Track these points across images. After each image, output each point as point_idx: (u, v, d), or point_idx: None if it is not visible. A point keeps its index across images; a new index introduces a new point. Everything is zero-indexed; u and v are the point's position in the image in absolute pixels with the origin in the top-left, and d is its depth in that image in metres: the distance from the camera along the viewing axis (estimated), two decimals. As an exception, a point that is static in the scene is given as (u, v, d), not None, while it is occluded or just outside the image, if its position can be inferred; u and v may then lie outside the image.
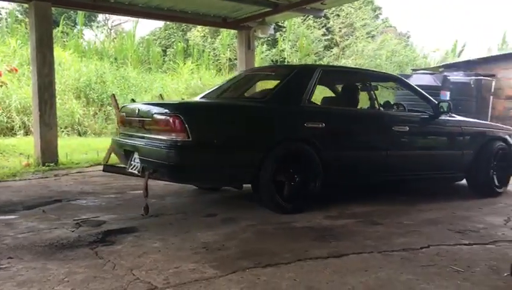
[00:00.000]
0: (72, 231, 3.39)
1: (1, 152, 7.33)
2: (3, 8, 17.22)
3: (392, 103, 5.40)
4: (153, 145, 3.80)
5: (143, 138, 4.03)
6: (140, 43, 17.86)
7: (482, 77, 11.25)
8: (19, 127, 10.26)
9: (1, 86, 8.01)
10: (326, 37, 18.63)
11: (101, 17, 21.13)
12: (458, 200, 4.97)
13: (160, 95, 8.09)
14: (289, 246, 3.12)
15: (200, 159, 3.75)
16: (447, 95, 10.35)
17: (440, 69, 12.31)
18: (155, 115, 3.88)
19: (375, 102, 4.81)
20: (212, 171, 3.87)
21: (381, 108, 4.96)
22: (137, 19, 15.32)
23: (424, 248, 3.15)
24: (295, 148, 4.12)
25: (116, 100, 7.02)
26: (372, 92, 4.83)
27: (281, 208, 4.01)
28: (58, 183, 5.50)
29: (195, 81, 14.54)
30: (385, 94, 8.16)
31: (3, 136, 9.37)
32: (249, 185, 4.11)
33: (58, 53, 12.29)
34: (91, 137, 10.92)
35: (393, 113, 5.09)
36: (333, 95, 5.59)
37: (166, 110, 3.85)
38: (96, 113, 11.92)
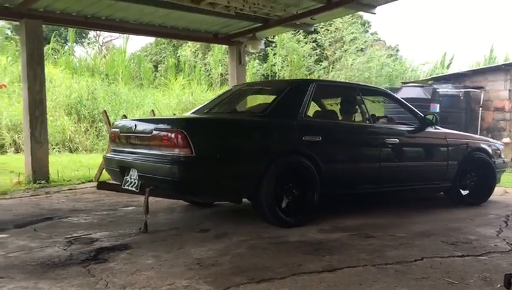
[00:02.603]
0: (64, 249, 3.35)
1: (-9, 170, 7.27)
2: (-7, 25, 17.23)
3: (377, 115, 5.49)
4: (154, 161, 3.81)
5: (141, 154, 4.03)
6: (131, 59, 17.89)
7: (471, 89, 11.39)
8: (9, 144, 10.21)
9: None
10: (316, 51, 18.79)
11: (92, 33, 21.19)
12: (450, 212, 5.00)
13: (152, 110, 8.10)
14: (283, 260, 3.12)
15: (204, 174, 3.77)
16: (436, 107, 10.45)
17: (429, 82, 12.44)
18: (155, 131, 3.89)
19: (367, 115, 4.90)
20: (215, 185, 3.89)
21: (373, 121, 5.03)
22: (128, 35, 15.39)
23: (417, 260, 3.16)
24: (294, 161, 4.18)
25: (107, 116, 7.02)
26: (363, 106, 4.93)
27: (282, 221, 4.04)
28: (50, 201, 5.46)
29: (186, 96, 14.57)
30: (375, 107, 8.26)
31: (-6, 153, 9.30)
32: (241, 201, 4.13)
33: (49, 70, 12.28)
34: (82, 154, 10.87)
35: (385, 126, 5.20)
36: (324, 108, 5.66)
37: (169, 126, 3.90)
38: (88, 130, 11.89)
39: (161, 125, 3.98)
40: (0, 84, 8.74)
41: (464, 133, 5.95)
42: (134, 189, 4.03)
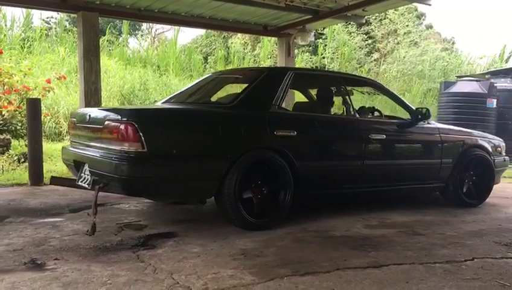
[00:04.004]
0: (115, 235, 3.48)
1: (49, 157, 7.62)
2: (52, 17, 18.00)
3: (366, 107, 5.12)
4: (103, 156, 3.47)
5: (94, 147, 3.71)
6: (182, 51, 18.18)
7: (531, 84, 10.82)
8: (66, 132, 10.64)
9: (49, 91, 8.36)
10: (367, 42, 18.42)
11: (144, 26, 21.70)
12: (502, 212, 4.80)
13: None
14: (327, 254, 3.10)
15: (157, 172, 3.37)
16: (493, 102, 10.01)
17: (486, 76, 11.90)
18: (107, 122, 3.48)
19: (351, 108, 4.52)
20: (171, 185, 3.49)
21: (357, 114, 4.66)
22: (179, 27, 15.65)
23: (468, 260, 3.06)
24: (263, 158, 3.78)
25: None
26: (347, 97, 4.53)
27: (247, 223, 3.66)
28: (102, 188, 5.65)
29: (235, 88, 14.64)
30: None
31: (51, 141, 9.74)
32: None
33: (104, 61, 12.69)
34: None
35: (370, 119, 4.80)
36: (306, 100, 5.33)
37: (118, 117, 3.43)
38: (140, 119, 12.19)
39: (112, 116, 3.50)
40: (60, 76, 9.14)
41: (460, 129, 5.50)
42: (87, 185, 3.67)
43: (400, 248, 3.33)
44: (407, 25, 18.95)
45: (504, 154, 5.60)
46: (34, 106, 5.91)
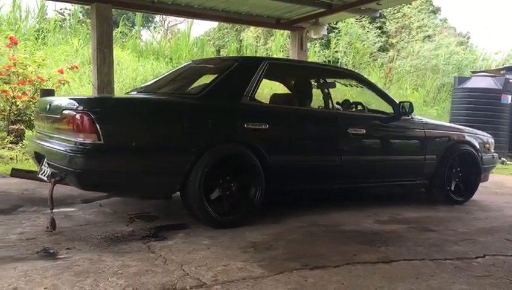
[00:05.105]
0: (126, 225, 3.51)
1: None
2: (66, 9, 18.09)
3: (351, 101, 4.96)
4: (59, 148, 3.29)
5: (53, 138, 3.55)
6: (194, 43, 18.19)
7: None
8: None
9: (63, 83, 8.44)
10: (380, 38, 18.26)
11: (157, 18, 21.75)
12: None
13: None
14: (337, 249, 3.10)
15: (114, 166, 3.21)
16: (508, 98, 9.89)
17: (502, 72, 11.74)
18: (64, 112, 3.30)
19: (330, 101, 4.36)
20: (130, 179, 3.31)
21: (338, 107, 4.52)
22: (192, 20, 15.64)
23: (479, 257, 3.04)
24: (232, 152, 3.60)
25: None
26: (326, 90, 4.38)
27: (213, 220, 3.48)
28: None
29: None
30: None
31: (65, 131, 9.83)
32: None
33: (117, 53, 12.75)
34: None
35: (348, 113, 4.67)
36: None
37: (74, 106, 3.23)
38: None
39: (69, 106, 3.30)
40: (72, 66, 9.22)
41: (446, 124, 5.36)
42: (46, 178, 3.49)
43: (410, 243, 3.32)
44: (422, 18, 18.74)
45: (493, 151, 5.46)
46: (47, 96, 5.95)
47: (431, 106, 15.73)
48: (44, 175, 3.54)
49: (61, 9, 18.32)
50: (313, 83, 4.69)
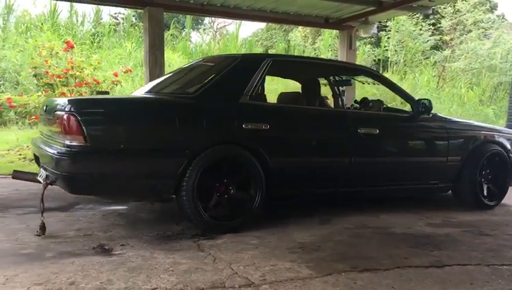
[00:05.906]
0: (177, 224, 3.59)
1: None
2: (120, 13, 18.71)
3: (369, 99, 4.66)
4: (49, 151, 3.17)
5: (47, 140, 3.49)
6: (242, 45, 18.35)
7: None
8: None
9: (117, 84, 8.77)
10: (434, 36, 17.70)
11: (207, 20, 22.07)
12: None
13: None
14: (387, 251, 3.05)
15: (101, 169, 3.09)
16: None
17: None
18: (55, 113, 3.21)
19: (340, 99, 4.11)
20: (120, 183, 3.20)
21: (356, 106, 4.26)
22: (241, 21, 15.79)
23: (539, 264, 2.90)
24: (229, 154, 3.42)
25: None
26: (335, 88, 4.17)
27: (207, 225, 3.33)
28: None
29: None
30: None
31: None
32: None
33: (168, 55, 13.06)
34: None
35: (359, 112, 4.39)
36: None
37: (63, 106, 3.10)
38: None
39: (59, 106, 3.19)
40: (126, 69, 9.56)
41: (473, 123, 4.96)
42: (42, 181, 3.36)
43: (464, 248, 3.21)
44: (480, 15, 18.01)
45: None
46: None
47: (487, 105, 15.11)
48: (41, 177, 3.44)
49: (115, 13, 18.96)
50: (323, 80, 4.50)
